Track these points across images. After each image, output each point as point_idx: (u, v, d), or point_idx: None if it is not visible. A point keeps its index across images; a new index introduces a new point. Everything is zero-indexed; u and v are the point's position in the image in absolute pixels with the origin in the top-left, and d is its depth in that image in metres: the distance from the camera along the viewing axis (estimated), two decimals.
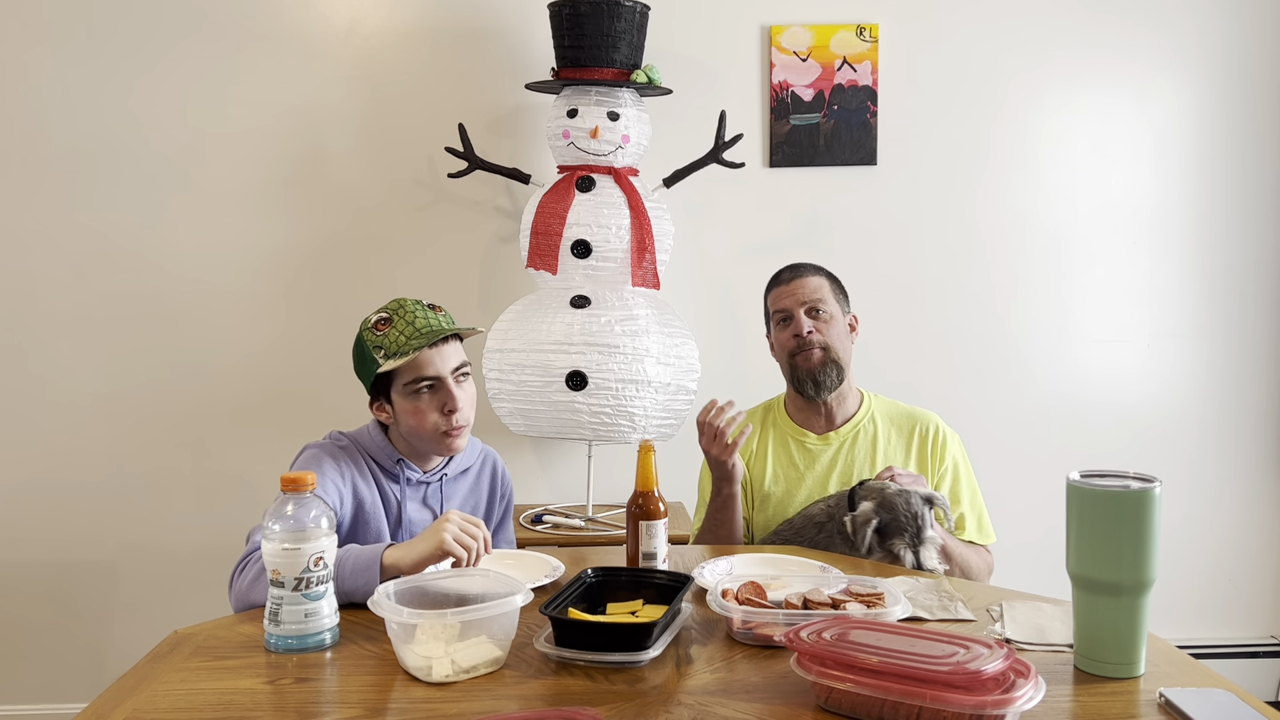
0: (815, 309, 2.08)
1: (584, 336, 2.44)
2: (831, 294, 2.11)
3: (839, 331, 2.09)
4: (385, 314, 1.75)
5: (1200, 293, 2.96)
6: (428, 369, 1.71)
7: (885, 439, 2.10)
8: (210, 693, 1.23)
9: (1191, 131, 2.92)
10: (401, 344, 1.71)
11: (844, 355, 2.09)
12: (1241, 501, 3.01)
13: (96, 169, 2.78)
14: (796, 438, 2.13)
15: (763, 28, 2.84)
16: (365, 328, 1.76)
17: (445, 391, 1.73)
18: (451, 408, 1.73)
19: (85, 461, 2.82)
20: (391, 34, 2.81)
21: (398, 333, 1.72)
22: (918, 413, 2.14)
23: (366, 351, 1.74)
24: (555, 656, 1.30)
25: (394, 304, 1.77)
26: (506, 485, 1.98)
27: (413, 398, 1.72)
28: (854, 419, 2.13)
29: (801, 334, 2.06)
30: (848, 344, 2.11)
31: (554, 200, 2.51)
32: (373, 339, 1.73)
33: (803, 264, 2.17)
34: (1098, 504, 1.24)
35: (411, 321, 1.73)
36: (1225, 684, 1.21)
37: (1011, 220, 2.92)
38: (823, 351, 2.05)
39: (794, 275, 2.13)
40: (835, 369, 2.06)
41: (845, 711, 1.14)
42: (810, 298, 2.09)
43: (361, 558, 1.52)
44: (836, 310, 2.10)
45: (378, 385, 1.75)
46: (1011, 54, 2.88)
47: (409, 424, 1.74)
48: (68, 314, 2.80)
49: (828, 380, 2.06)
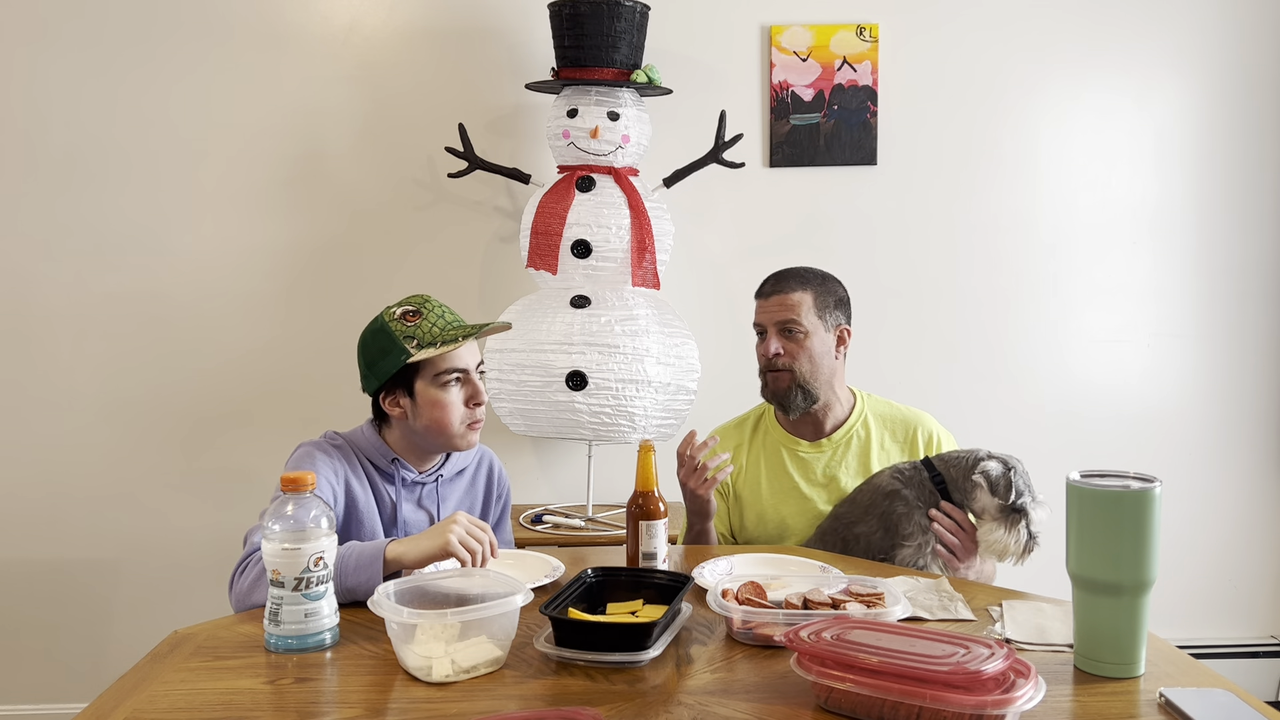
0: (789, 328, 2.02)
1: (584, 336, 2.44)
2: (813, 308, 2.02)
3: (815, 350, 2.01)
4: (412, 307, 1.76)
5: (1200, 293, 2.96)
6: (459, 362, 1.74)
7: (878, 443, 2.08)
8: (210, 693, 1.23)
9: (1191, 131, 2.92)
10: (436, 335, 1.72)
11: (817, 376, 2.02)
12: (1241, 501, 3.01)
13: (96, 169, 2.78)
14: (789, 446, 2.10)
15: (763, 28, 2.84)
16: (391, 319, 1.74)
17: (472, 384, 1.76)
18: (478, 400, 1.76)
19: (85, 461, 2.82)
20: (391, 34, 2.81)
21: (430, 324, 1.73)
22: (910, 414, 2.12)
23: (393, 341, 1.72)
24: (555, 656, 1.30)
25: (417, 298, 1.78)
26: (503, 485, 1.98)
27: (442, 389, 1.73)
28: (846, 423, 2.09)
29: (769, 355, 2.02)
30: (827, 361, 2.03)
31: (554, 200, 2.51)
32: (402, 329, 1.72)
33: (788, 274, 2.08)
34: (1098, 504, 1.24)
35: (442, 315, 1.76)
36: (1225, 684, 1.21)
37: (1011, 220, 2.92)
38: (789, 374, 2.01)
39: (774, 289, 2.06)
40: (801, 393, 2.02)
41: (845, 711, 1.14)
42: (784, 316, 2.02)
43: (365, 554, 1.52)
44: (815, 326, 2.02)
45: (399, 376, 1.74)
46: (1011, 54, 2.88)
47: (432, 416, 1.73)
48: (68, 314, 2.80)
49: (792, 404, 2.03)
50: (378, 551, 1.52)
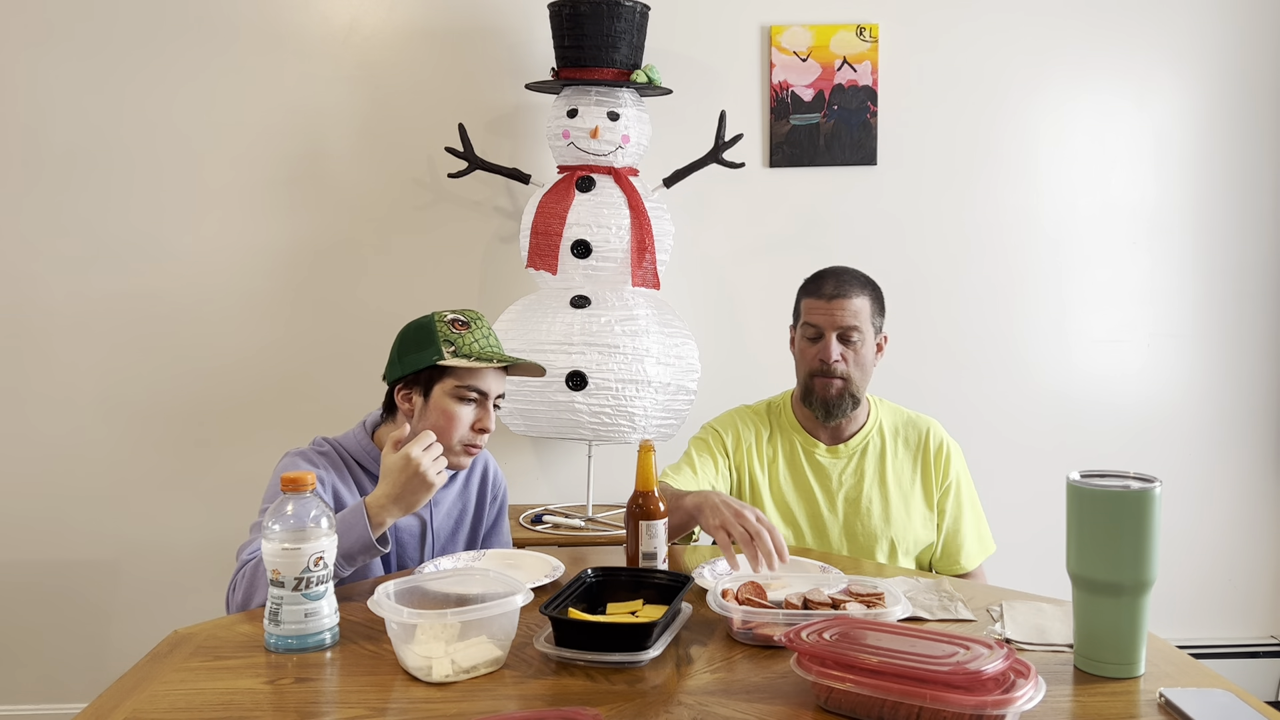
0: (850, 335, 1.96)
1: (584, 336, 2.44)
2: (870, 316, 1.99)
3: (866, 358, 1.98)
4: (464, 318, 1.76)
5: (1200, 293, 2.96)
6: (483, 383, 1.73)
7: (892, 453, 2.04)
8: (210, 693, 1.23)
9: (1191, 131, 2.92)
10: (476, 350, 1.72)
11: (864, 384, 2.01)
12: (1241, 501, 3.01)
13: (96, 169, 2.78)
14: (806, 446, 2.05)
15: (763, 28, 2.84)
16: (440, 320, 1.75)
17: (485, 410, 1.75)
18: (485, 427, 1.75)
19: (85, 461, 2.82)
20: (391, 34, 2.81)
21: (473, 339, 1.73)
22: (920, 421, 2.09)
23: (433, 340, 1.72)
24: (555, 656, 1.30)
25: (472, 313, 1.78)
26: (499, 486, 1.97)
27: (456, 402, 1.72)
28: (862, 430, 2.06)
29: (828, 361, 1.95)
30: (871, 367, 2.01)
31: (554, 200, 2.51)
32: (446, 332, 1.73)
33: (848, 276, 2.00)
34: (1098, 504, 1.24)
35: (487, 336, 1.76)
36: (1225, 684, 1.21)
37: (1011, 220, 2.93)
38: (843, 382, 1.97)
39: (836, 292, 1.97)
40: (851, 400, 1.99)
41: (845, 711, 1.14)
42: (847, 322, 1.95)
43: (345, 519, 1.57)
44: (869, 333, 1.99)
45: (423, 374, 1.74)
46: (1011, 54, 2.88)
47: (437, 424, 1.72)
48: (68, 314, 2.80)
49: (839, 410, 1.98)
50: (356, 508, 1.57)
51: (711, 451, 2.04)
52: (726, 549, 1.59)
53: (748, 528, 1.57)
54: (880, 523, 1.99)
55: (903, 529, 1.99)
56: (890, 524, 1.99)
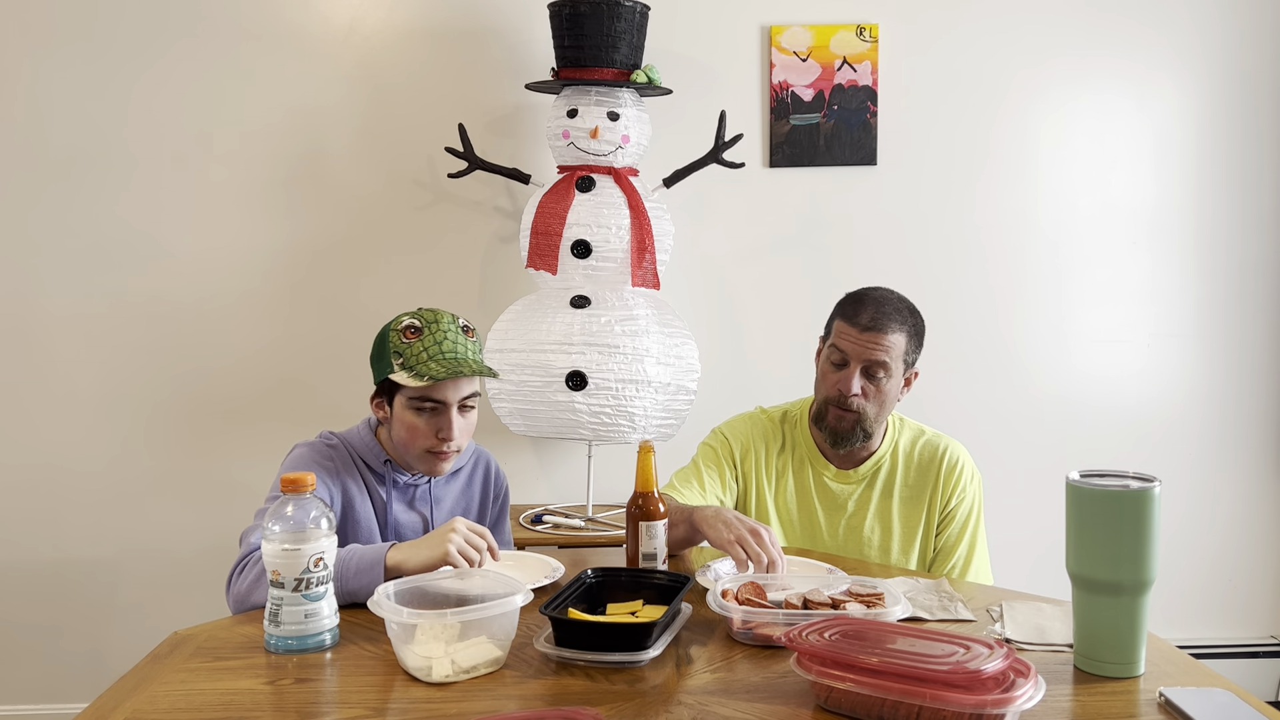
0: (876, 371, 1.86)
1: (584, 336, 2.44)
2: (904, 353, 1.88)
3: (889, 394, 1.89)
4: (418, 323, 1.70)
5: (1200, 293, 2.96)
6: (436, 393, 1.69)
7: (903, 475, 1.98)
8: (210, 693, 1.23)
9: (1191, 131, 2.92)
10: (422, 362, 1.67)
11: (881, 419, 1.92)
12: (1241, 501, 3.01)
13: (97, 169, 2.78)
14: (816, 465, 2.00)
15: (763, 28, 2.84)
16: (394, 329, 1.71)
17: (445, 418, 1.70)
18: (446, 436, 1.70)
19: (85, 461, 2.82)
20: (391, 34, 2.81)
21: (422, 348, 1.68)
22: (938, 440, 2.00)
23: (386, 352, 1.71)
24: (555, 656, 1.30)
25: (429, 314, 1.72)
26: (500, 486, 1.96)
27: (413, 413, 1.70)
28: (875, 454, 1.98)
29: (847, 394, 1.86)
30: (893, 403, 1.91)
31: (554, 200, 2.51)
32: (396, 343, 1.70)
33: (889, 308, 1.88)
34: (1098, 504, 1.24)
35: (439, 342, 1.69)
36: (1225, 684, 1.21)
37: (1011, 220, 2.92)
38: (857, 416, 1.88)
39: (872, 324, 1.85)
40: (863, 434, 1.91)
41: (845, 711, 1.14)
42: (876, 357, 1.85)
43: (365, 558, 1.52)
44: (898, 370, 1.88)
45: (384, 385, 1.74)
46: (1011, 54, 2.88)
47: (400, 435, 1.73)
48: (68, 314, 2.80)
49: (848, 442, 1.92)
50: (378, 557, 1.52)
51: (719, 462, 2.00)
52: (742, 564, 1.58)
53: (763, 550, 1.55)
54: (879, 554, 1.97)
55: (898, 564, 1.97)
56: (888, 556, 1.97)
